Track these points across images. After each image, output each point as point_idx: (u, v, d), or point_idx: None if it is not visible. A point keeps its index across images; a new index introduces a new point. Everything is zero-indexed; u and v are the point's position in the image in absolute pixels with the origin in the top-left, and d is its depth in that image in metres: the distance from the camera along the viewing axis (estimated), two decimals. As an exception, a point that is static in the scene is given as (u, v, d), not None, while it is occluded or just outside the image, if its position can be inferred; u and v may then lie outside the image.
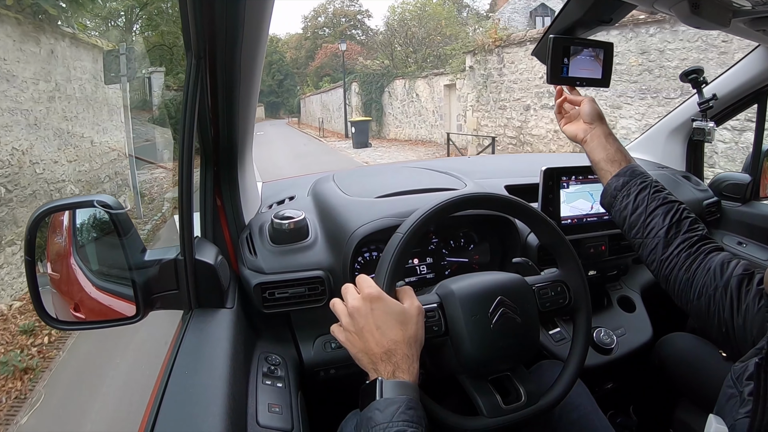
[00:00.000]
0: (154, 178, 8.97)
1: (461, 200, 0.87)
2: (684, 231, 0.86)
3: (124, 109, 7.55)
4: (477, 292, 0.83)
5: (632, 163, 0.96)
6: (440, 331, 0.81)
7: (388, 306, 0.73)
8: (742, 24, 0.99)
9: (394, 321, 0.72)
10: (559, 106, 1.06)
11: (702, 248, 0.85)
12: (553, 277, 0.94)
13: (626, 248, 1.33)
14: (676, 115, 1.82)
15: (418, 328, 0.74)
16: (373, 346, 0.70)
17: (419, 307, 0.76)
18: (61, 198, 3.46)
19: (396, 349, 0.70)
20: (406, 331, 0.71)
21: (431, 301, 0.83)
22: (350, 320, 0.73)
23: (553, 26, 1.05)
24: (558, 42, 1.00)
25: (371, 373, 0.70)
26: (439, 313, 0.82)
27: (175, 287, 0.88)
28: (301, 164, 12.04)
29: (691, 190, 1.68)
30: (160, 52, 12.93)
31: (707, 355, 1.21)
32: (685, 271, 0.84)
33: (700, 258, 0.84)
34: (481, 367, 0.82)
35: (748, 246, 1.62)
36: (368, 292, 0.74)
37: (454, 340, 0.81)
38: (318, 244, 1.13)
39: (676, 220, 0.87)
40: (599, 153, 0.97)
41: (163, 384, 0.72)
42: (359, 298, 0.74)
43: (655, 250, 0.88)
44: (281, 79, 54.01)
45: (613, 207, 0.95)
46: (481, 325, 0.80)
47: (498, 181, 1.39)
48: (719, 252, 0.84)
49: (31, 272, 0.80)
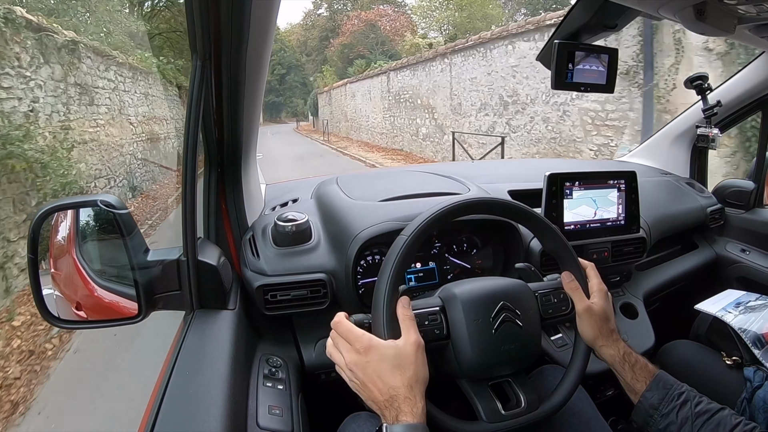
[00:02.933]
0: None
1: (464, 205, 0.87)
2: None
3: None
4: (480, 297, 0.83)
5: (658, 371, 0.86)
6: (442, 334, 0.81)
7: (383, 353, 0.72)
8: (747, 30, 0.99)
9: (391, 367, 0.71)
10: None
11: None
12: (555, 284, 0.93)
13: (629, 254, 1.32)
14: (681, 121, 1.82)
15: (417, 366, 0.73)
16: (377, 395, 0.70)
17: (416, 342, 0.74)
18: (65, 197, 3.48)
19: (397, 394, 0.69)
20: (404, 374, 0.71)
21: (434, 304, 0.83)
22: (351, 373, 0.73)
23: (557, 32, 1.05)
24: (562, 47, 1.00)
25: (381, 418, 0.71)
26: (442, 316, 0.82)
27: (177, 288, 0.88)
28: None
29: (694, 196, 1.68)
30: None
31: (710, 362, 1.20)
32: None
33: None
34: (482, 371, 0.82)
35: (751, 253, 1.62)
36: (358, 345, 0.73)
37: (455, 344, 0.80)
38: (321, 246, 1.13)
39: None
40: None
41: (164, 384, 0.72)
42: (352, 350, 0.74)
43: None
44: (283, 74, 45.94)
45: (649, 425, 0.84)
46: (483, 329, 0.80)
47: (502, 185, 1.39)
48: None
49: (34, 270, 0.80)
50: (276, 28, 0.86)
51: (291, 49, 46.38)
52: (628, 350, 0.87)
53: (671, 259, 1.60)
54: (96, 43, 7.30)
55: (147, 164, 9.13)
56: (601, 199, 1.25)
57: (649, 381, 0.84)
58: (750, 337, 1.14)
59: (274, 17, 0.83)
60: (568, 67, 1.00)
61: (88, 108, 6.84)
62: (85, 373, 3.39)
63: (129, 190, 8.01)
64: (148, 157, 9.29)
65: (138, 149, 8.86)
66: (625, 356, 0.86)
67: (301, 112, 48.86)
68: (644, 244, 1.34)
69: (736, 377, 1.12)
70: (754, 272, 1.56)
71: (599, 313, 0.87)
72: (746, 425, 0.76)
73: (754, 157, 1.76)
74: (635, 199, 1.29)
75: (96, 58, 7.23)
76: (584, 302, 0.88)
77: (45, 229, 0.81)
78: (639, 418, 0.84)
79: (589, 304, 0.88)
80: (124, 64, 8.46)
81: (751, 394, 1.05)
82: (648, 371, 0.85)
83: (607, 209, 1.27)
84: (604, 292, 0.91)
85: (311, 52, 42.90)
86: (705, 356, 1.22)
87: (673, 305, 1.54)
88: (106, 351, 3.49)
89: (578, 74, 1.01)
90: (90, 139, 6.69)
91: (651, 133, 1.95)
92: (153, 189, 9.05)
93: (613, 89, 1.06)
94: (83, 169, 6.17)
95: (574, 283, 0.91)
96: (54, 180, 5.09)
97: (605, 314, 0.88)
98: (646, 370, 0.85)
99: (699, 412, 0.78)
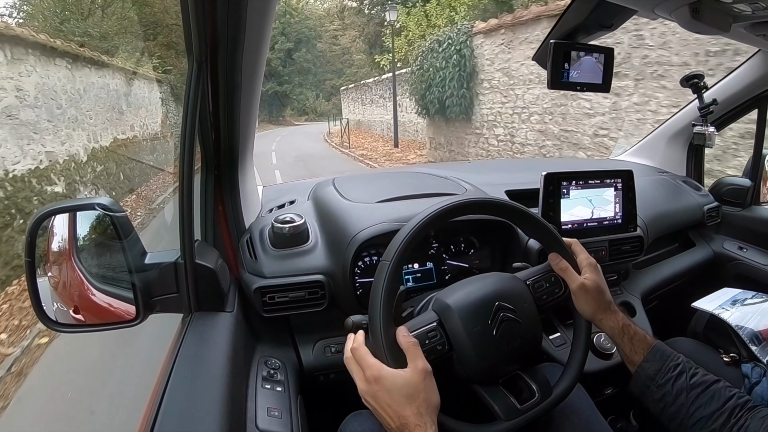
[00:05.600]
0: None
1: (459, 206, 0.87)
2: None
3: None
4: (474, 303, 0.83)
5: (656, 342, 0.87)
6: (444, 349, 0.80)
7: (392, 382, 0.72)
8: (743, 29, 0.99)
9: (399, 397, 0.71)
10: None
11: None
12: (544, 268, 0.93)
13: (627, 253, 1.33)
14: (677, 120, 1.83)
15: (426, 393, 0.73)
16: (389, 420, 0.71)
17: (424, 369, 0.74)
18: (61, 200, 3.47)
19: (407, 422, 0.70)
20: (413, 403, 0.71)
21: (430, 320, 0.82)
22: (365, 400, 0.74)
23: (553, 31, 1.05)
24: (558, 47, 1.00)
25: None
26: (441, 331, 0.81)
27: (175, 290, 0.88)
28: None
29: (691, 194, 1.68)
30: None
31: (708, 359, 1.20)
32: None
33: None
34: (491, 373, 0.82)
35: (748, 251, 1.62)
36: (369, 374, 0.74)
37: (459, 354, 0.80)
38: (318, 248, 1.13)
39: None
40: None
41: (162, 387, 0.72)
42: (364, 379, 0.74)
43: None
44: (288, 49, 31.57)
45: (646, 396, 0.85)
46: (484, 335, 0.80)
47: (499, 186, 1.39)
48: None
49: (31, 274, 0.80)
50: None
51: (300, 14, 33.10)
52: (626, 322, 0.88)
53: (669, 257, 1.60)
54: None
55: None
56: (597, 198, 1.26)
57: (647, 352, 0.85)
58: (747, 334, 1.14)
59: (270, 19, 0.83)
60: (564, 67, 1.00)
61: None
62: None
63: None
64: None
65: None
66: (624, 328, 0.87)
67: (311, 108, 36.27)
68: (641, 242, 1.34)
69: (733, 374, 1.12)
70: (751, 270, 1.57)
71: (593, 288, 0.88)
72: (740, 398, 0.77)
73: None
74: (632, 198, 1.29)
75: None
76: (576, 280, 0.89)
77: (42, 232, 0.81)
78: (636, 388, 0.86)
79: (582, 281, 0.88)
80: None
81: (749, 390, 1.06)
82: (646, 343, 0.86)
83: (604, 208, 1.27)
84: (594, 265, 0.91)
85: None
86: (703, 353, 1.23)
87: (671, 303, 1.54)
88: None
89: (574, 74, 1.01)
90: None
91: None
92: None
93: (609, 88, 1.06)
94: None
95: (563, 263, 0.91)
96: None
97: (599, 287, 0.88)
98: (644, 342, 0.86)
99: (694, 384, 0.79)
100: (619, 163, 2.04)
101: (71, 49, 7.07)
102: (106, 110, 8.39)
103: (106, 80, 8.43)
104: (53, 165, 6.19)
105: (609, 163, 2.20)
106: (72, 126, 6.92)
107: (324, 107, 34.76)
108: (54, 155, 6.24)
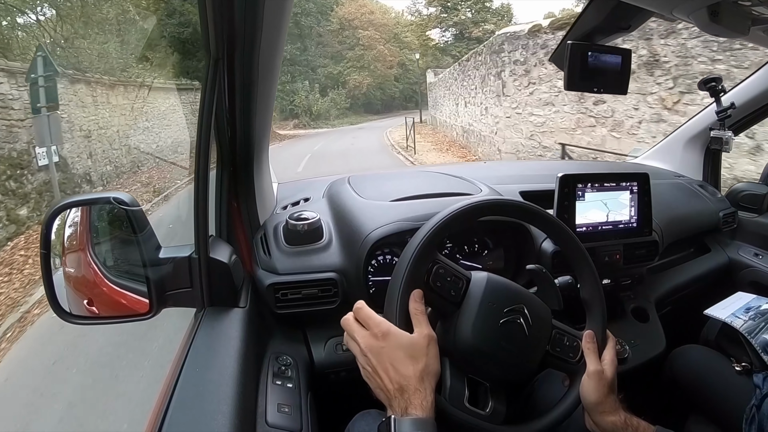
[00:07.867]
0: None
1: (477, 207, 0.86)
2: None
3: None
4: (506, 289, 0.83)
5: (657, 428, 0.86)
6: (455, 299, 0.80)
7: (399, 340, 0.73)
8: (761, 32, 0.98)
9: (404, 356, 0.72)
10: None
11: None
12: (576, 332, 0.90)
13: (641, 258, 1.31)
14: (694, 123, 1.81)
15: (429, 359, 0.73)
16: (387, 383, 0.71)
17: (429, 335, 0.75)
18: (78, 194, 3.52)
19: (408, 384, 0.70)
20: (416, 365, 0.71)
21: (463, 273, 0.83)
22: (365, 359, 0.74)
23: (571, 32, 1.04)
24: (576, 48, 0.99)
25: (388, 410, 0.71)
26: (463, 285, 0.81)
27: (188, 285, 0.89)
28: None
29: (707, 199, 1.66)
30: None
31: (720, 368, 1.19)
32: None
33: None
34: (471, 356, 0.79)
35: (764, 257, 1.60)
36: (377, 330, 0.74)
37: (460, 317, 0.80)
38: (332, 246, 1.13)
39: None
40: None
41: (174, 381, 0.73)
42: (368, 335, 0.74)
43: None
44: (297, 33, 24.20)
45: None
46: (492, 315, 0.80)
47: (513, 186, 1.38)
48: None
49: (46, 266, 0.81)
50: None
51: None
52: (628, 415, 0.85)
53: (683, 262, 1.58)
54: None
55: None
56: (613, 201, 1.24)
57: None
58: (760, 344, 1.12)
59: (287, 16, 0.83)
60: (581, 68, 1.00)
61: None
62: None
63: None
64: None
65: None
66: (627, 421, 0.84)
67: (303, 108, 28.35)
68: (656, 247, 1.32)
69: (745, 383, 1.10)
70: (766, 277, 1.54)
71: (609, 382, 0.85)
72: None
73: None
74: (648, 202, 1.27)
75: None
76: (598, 365, 0.86)
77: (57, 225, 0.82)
78: None
79: (602, 369, 0.85)
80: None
81: (760, 401, 1.03)
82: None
83: (620, 211, 1.25)
84: (615, 366, 0.89)
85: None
86: (715, 362, 1.21)
87: (684, 309, 1.52)
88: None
89: (591, 75, 1.01)
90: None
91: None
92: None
93: (627, 90, 1.05)
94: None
95: (593, 345, 0.88)
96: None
97: (613, 385, 0.86)
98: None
99: None
100: (635, 167, 2.01)
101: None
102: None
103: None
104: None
105: (625, 166, 2.17)
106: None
107: (320, 106, 28.38)
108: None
